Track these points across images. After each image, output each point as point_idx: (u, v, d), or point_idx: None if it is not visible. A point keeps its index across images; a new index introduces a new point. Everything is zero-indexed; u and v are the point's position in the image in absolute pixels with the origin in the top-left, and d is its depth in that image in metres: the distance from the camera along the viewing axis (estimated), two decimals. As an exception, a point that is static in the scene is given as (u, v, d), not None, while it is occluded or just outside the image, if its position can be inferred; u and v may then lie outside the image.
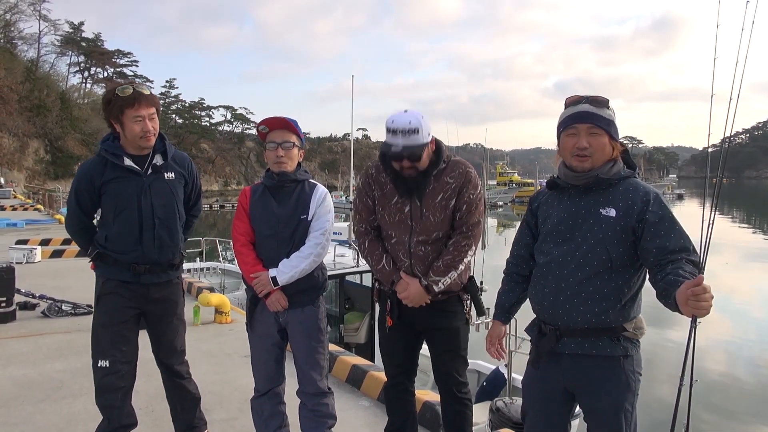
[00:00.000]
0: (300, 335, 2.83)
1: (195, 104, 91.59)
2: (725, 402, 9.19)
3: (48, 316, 6.62)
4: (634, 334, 2.09)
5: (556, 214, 2.19)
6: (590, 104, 2.10)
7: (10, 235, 14.85)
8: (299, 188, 2.84)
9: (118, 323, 2.85)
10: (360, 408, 4.10)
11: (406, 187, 2.66)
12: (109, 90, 2.86)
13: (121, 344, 2.85)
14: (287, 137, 2.81)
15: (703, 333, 10.00)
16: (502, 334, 2.44)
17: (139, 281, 2.86)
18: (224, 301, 6.67)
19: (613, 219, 2.06)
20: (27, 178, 54.96)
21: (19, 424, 3.72)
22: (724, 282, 17.90)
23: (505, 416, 3.24)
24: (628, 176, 2.12)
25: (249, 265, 2.80)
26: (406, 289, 2.65)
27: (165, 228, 2.88)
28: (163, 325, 3.00)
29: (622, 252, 2.05)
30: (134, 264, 2.83)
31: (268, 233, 2.80)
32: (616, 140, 2.12)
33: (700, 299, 1.71)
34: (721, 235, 31.13)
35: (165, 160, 2.92)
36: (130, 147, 2.83)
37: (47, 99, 59.14)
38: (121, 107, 2.72)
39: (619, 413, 2.06)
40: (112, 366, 2.81)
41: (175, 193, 2.94)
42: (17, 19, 63.44)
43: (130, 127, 2.75)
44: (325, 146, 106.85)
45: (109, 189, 2.80)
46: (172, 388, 3.14)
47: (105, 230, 2.86)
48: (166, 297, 2.97)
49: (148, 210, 2.82)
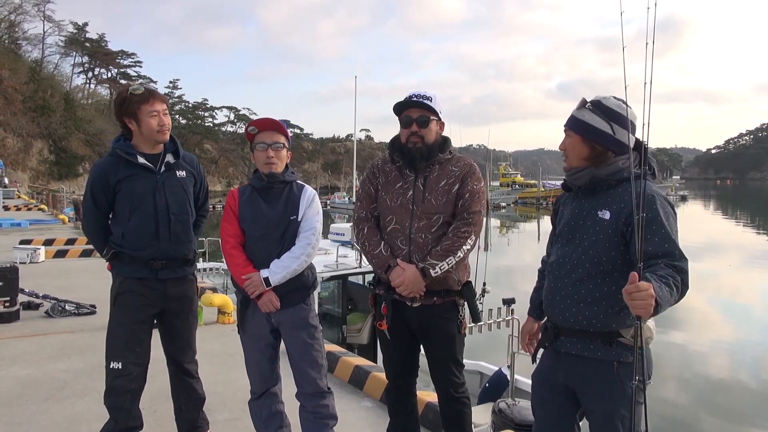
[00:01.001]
0: (294, 334, 2.83)
1: (198, 105, 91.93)
2: (729, 404, 9.17)
3: (51, 316, 6.64)
4: (631, 341, 2.02)
5: (565, 216, 2.22)
6: (576, 107, 2.17)
7: (14, 235, 14.90)
8: (287, 189, 2.86)
9: (134, 322, 2.88)
10: (363, 409, 4.11)
11: (410, 161, 2.73)
12: (121, 90, 2.97)
13: (135, 345, 2.88)
14: (277, 138, 2.82)
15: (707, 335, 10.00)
16: (534, 330, 2.43)
17: (156, 277, 2.90)
18: (227, 301, 6.68)
19: (607, 222, 2.05)
20: (31, 178, 55.09)
21: (23, 423, 3.73)
22: (728, 284, 17.86)
23: (508, 417, 3.23)
24: (634, 177, 2.06)
25: (240, 266, 2.79)
26: (401, 275, 2.63)
27: (180, 223, 2.94)
28: (179, 322, 3.05)
29: (614, 256, 2.03)
30: (151, 260, 2.87)
31: (259, 234, 2.81)
32: (590, 140, 2.11)
33: (633, 298, 1.70)
34: (724, 236, 31.11)
35: (176, 159, 3.00)
36: (143, 145, 2.90)
37: (51, 99, 59.24)
38: (137, 104, 2.81)
39: (614, 418, 2.03)
40: (124, 368, 2.83)
41: (186, 190, 3.01)
42: (21, 20, 63.81)
43: (146, 123, 2.83)
44: (327, 147, 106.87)
45: (124, 186, 2.85)
46: (179, 387, 3.15)
47: (121, 228, 2.89)
48: (182, 293, 3.01)
49: (163, 206, 2.88)
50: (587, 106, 2.14)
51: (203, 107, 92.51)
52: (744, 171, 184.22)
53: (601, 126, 2.09)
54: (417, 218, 2.69)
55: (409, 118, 2.73)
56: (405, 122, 2.75)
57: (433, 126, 2.75)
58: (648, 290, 1.69)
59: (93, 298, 7.16)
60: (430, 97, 2.73)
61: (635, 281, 1.70)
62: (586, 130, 2.11)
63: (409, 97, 2.74)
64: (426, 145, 2.72)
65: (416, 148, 2.72)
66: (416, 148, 2.72)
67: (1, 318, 6.26)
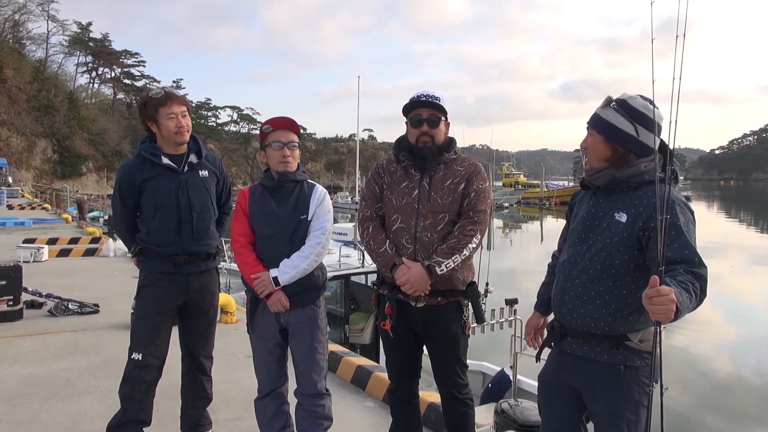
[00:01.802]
0: (301, 335, 2.83)
1: (202, 104, 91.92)
2: (733, 405, 9.15)
3: (55, 314, 6.65)
4: (639, 345, 2.02)
5: (580, 214, 2.19)
6: (601, 105, 2.11)
7: (18, 234, 14.95)
8: (298, 188, 2.85)
9: (156, 314, 2.98)
10: (365, 409, 4.10)
11: (420, 160, 2.72)
12: (143, 95, 3.08)
13: (155, 337, 2.96)
14: (291, 137, 2.83)
15: (710, 336, 9.95)
16: (539, 324, 2.41)
17: (180, 271, 3.00)
18: (229, 300, 6.68)
19: (623, 224, 2.00)
20: (35, 178, 55.26)
21: (26, 422, 3.74)
22: (731, 285, 17.81)
23: (511, 418, 3.22)
24: (654, 180, 1.99)
25: (249, 265, 2.79)
26: (406, 273, 2.61)
27: (202, 221, 3.04)
28: (201, 314, 3.13)
29: (627, 260, 2.00)
30: (174, 255, 2.98)
31: (269, 234, 2.80)
32: (612, 141, 2.05)
33: (654, 302, 1.63)
34: (727, 237, 31.01)
35: (199, 159, 3.09)
36: (166, 146, 3.00)
37: (55, 99, 59.49)
38: (156, 107, 2.92)
39: (620, 422, 2.01)
40: (144, 359, 2.93)
41: (209, 189, 3.11)
42: (26, 20, 64.07)
43: (165, 125, 2.93)
44: (330, 147, 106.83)
45: (149, 186, 2.96)
46: (190, 383, 3.21)
47: (146, 225, 3.01)
48: (204, 286, 3.11)
49: (186, 204, 2.98)
50: (612, 105, 2.06)
51: (206, 107, 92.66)
52: (748, 172, 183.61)
53: (625, 127, 2.02)
54: (422, 217, 2.69)
55: (420, 118, 2.72)
56: (415, 122, 2.73)
57: (442, 126, 2.75)
58: (669, 295, 1.63)
59: (96, 297, 7.18)
60: (439, 97, 2.73)
61: (656, 285, 1.64)
62: (609, 131, 2.05)
63: (419, 97, 2.73)
64: (436, 145, 2.72)
65: (427, 147, 2.70)
66: (427, 147, 2.70)
67: (5, 317, 6.28)
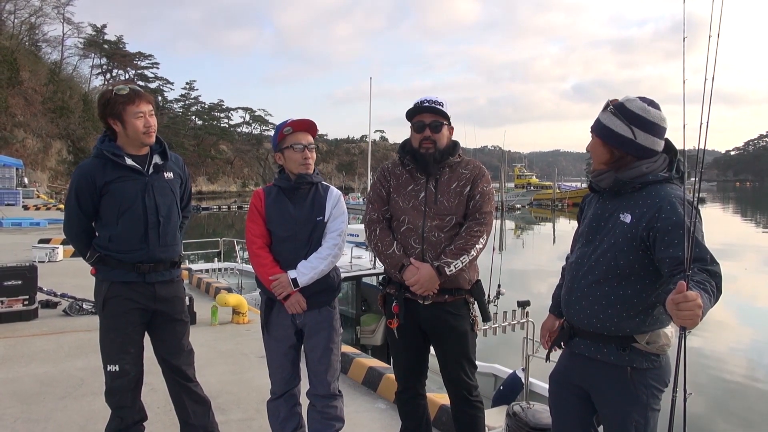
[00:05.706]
0: (317, 337, 2.84)
1: (214, 106, 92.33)
2: (745, 409, 9.04)
3: (69, 314, 6.73)
4: (646, 347, 2.01)
5: (588, 216, 2.21)
6: (601, 109, 2.14)
7: (33, 234, 15.12)
8: (314, 190, 2.86)
9: (125, 326, 2.83)
10: (376, 410, 4.10)
11: (423, 165, 2.75)
12: (106, 91, 2.84)
13: (129, 347, 2.84)
14: (311, 139, 2.85)
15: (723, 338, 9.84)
16: (554, 327, 2.41)
17: (144, 280, 2.83)
18: (242, 301, 6.72)
19: (627, 225, 2.01)
20: (50, 179, 55.79)
21: (41, 420, 3.78)
22: (744, 287, 17.60)
23: (522, 421, 3.21)
24: (659, 180, 2.03)
25: (267, 267, 2.78)
26: (415, 273, 2.64)
27: (168, 225, 2.88)
28: (172, 324, 2.97)
29: (632, 260, 2.00)
30: (139, 263, 2.81)
31: (286, 235, 2.80)
32: (609, 145, 2.07)
33: (681, 308, 1.60)
34: (741, 239, 30.65)
35: (164, 160, 2.93)
36: (129, 146, 2.81)
37: (70, 100, 59.99)
38: (122, 104, 2.72)
39: (627, 424, 2.01)
40: (121, 369, 2.81)
41: (174, 192, 2.95)
42: (42, 22, 64.69)
43: (132, 124, 2.74)
44: (342, 148, 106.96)
45: (112, 189, 2.76)
46: (181, 394, 3.04)
47: (107, 231, 2.81)
48: (172, 295, 2.95)
49: (153, 208, 2.81)
50: (609, 109, 2.09)
51: (219, 108, 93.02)
52: (764, 173, 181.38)
53: (621, 130, 2.04)
54: (429, 218, 2.71)
55: (422, 123, 2.75)
56: (418, 127, 2.77)
57: (445, 131, 2.77)
58: (696, 300, 1.59)
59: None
60: (442, 103, 2.75)
61: (683, 290, 1.60)
62: (606, 134, 2.08)
63: (422, 102, 2.76)
64: (438, 150, 2.74)
65: (429, 153, 2.74)
66: (429, 153, 2.74)
67: (20, 316, 6.35)
